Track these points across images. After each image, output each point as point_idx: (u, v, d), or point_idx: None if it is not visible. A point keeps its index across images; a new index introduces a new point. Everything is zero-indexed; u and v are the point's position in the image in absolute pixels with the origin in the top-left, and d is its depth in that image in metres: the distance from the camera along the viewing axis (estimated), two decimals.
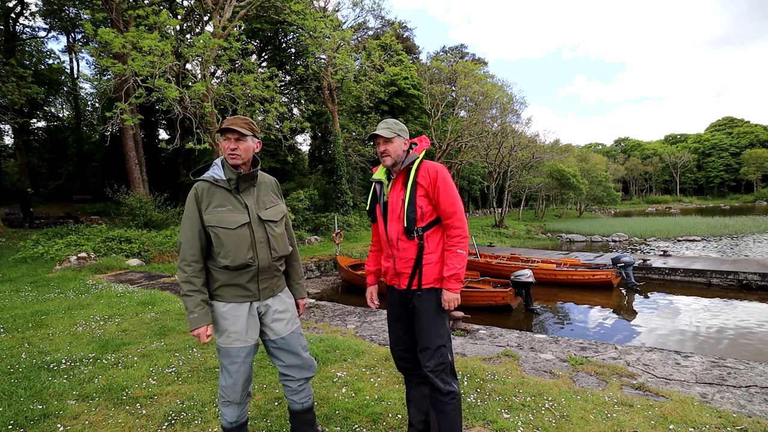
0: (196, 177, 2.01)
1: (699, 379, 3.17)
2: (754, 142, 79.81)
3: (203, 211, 1.92)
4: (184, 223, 1.95)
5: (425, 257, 2.05)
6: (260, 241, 1.98)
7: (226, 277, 1.95)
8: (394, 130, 2.10)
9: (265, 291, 2.04)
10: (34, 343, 4.32)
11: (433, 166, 2.07)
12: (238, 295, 1.97)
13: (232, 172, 1.95)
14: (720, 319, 8.15)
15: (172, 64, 11.30)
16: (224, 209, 1.92)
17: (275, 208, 2.09)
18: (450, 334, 2.12)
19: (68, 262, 9.72)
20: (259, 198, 2.05)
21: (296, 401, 2.18)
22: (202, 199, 1.93)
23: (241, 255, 1.91)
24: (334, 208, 21.31)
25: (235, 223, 1.92)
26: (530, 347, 4.01)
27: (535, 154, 30.90)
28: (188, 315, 1.89)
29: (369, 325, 4.96)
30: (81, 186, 26.02)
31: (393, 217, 2.11)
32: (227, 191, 1.96)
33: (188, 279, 1.89)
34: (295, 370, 2.12)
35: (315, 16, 14.74)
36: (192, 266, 1.90)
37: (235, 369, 1.98)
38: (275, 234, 2.04)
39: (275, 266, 2.06)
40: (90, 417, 2.75)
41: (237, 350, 1.97)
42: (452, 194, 2.03)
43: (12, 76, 16.35)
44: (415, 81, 27.01)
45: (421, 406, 2.24)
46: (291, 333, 2.10)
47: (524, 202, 39.85)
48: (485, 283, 9.67)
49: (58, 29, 24.48)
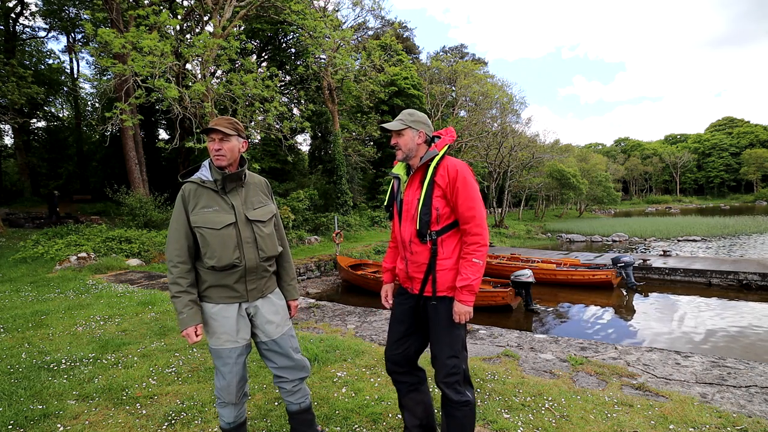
0: (184, 179, 2.01)
1: (699, 379, 3.17)
2: (754, 142, 79.82)
3: (190, 212, 1.92)
4: (171, 225, 1.95)
5: (439, 263, 1.92)
6: (247, 241, 1.96)
7: (213, 278, 1.94)
8: (406, 122, 1.97)
9: (254, 292, 2.02)
10: (34, 343, 4.32)
11: (453, 165, 1.90)
12: (226, 296, 1.96)
13: (218, 173, 1.95)
14: (720, 319, 8.15)
15: (172, 64, 11.30)
16: (210, 210, 1.92)
17: (264, 209, 2.07)
18: (465, 342, 2.00)
19: (68, 262, 9.72)
20: (247, 198, 2.03)
21: (293, 402, 2.17)
22: (189, 201, 1.93)
23: (227, 255, 1.90)
24: (334, 208, 21.31)
25: (221, 224, 1.91)
26: (530, 347, 4.01)
27: (535, 154, 30.92)
28: (177, 316, 1.89)
29: (369, 325, 4.96)
30: (81, 186, 26.04)
31: (407, 217, 1.99)
32: (214, 192, 1.96)
33: (175, 280, 1.90)
34: (288, 372, 2.11)
35: (315, 16, 14.74)
36: (179, 267, 1.90)
37: (227, 370, 1.97)
38: (263, 234, 2.02)
39: (263, 267, 2.04)
40: (90, 417, 2.75)
41: (228, 351, 1.96)
42: (472, 197, 1.87)
43: (12, 76, 16.36)
44: (415, 81, 27.01)
45: (415, 412, 2.15)
46: (282, 335, 2.08)
47: (524, 202, 39.86)
48: (485, 283, 9.66)
49: (58, 29, 24.49)
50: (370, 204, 25.66)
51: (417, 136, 1.98)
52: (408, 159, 2.00)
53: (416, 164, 2.00)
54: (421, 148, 2.00)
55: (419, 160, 1.98)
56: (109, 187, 15.48)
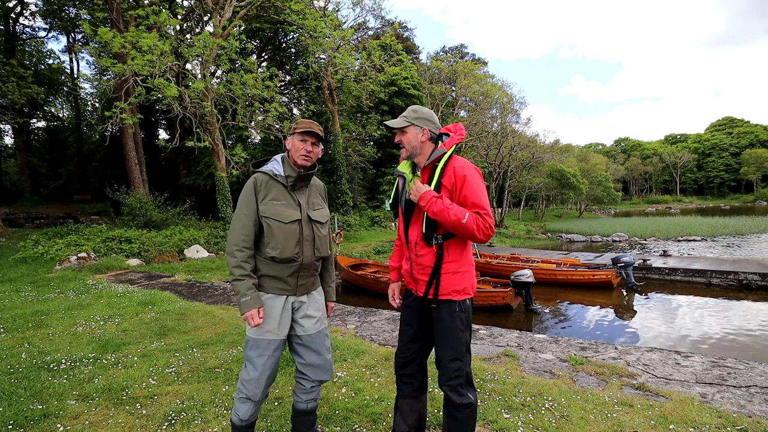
0: (256, 169, 2.08)
1: (699, 379, 3.17)
2: (754, 142, 79.85)
3: (260, 202, 1.98)
4: (239, 210, 2.00)
5: (444, 266, 1.89)
6: (307, 239, 2.03)
7: (269, 268, 2.00)
8: (409, 119, 1.93)
9: (302, 287, 2.08)
10: (34, 343, 4.32)
11: (461, 167, 1.85)
12: (278, 287, 2.02)
13: (293, 170, 2.03)
14: (720, 319, 8.14)
15: (171, 64, 11.31)
16: (280, 203, 1.99)
17: (322, 211, 2.15)
18: (469, 345, 1.98)
19: (68, 262, 9.72)
20: (309, 198, 2.11)
21: (303, 401, 2.17)
22: (260, 190, 1.99)
23: (289, 249, 1.97)
24: (334, 208, 21.31)
25: (289, 218, 1.98)
26: (530, 347, 4.01)
27: (535, 154, 30.93)
28: (240, 298, 1.92)
29: (369, 325, 4.96)
30: (81, 186, 26.05)
31: (413, 218, 1.97)
32: (283, 187, 2.03)
33: (239, 264, 1.94)
34: (313, 371, 2.12)
35: (315, 15, 14.75)
36: (244, 252, 1.95)
37: (262, 362, 1.98)
38: (321, 235, 2.10)
39: (315, 265, 2.12)
40: (90, 417, 2.75)
41: (268, 342, 1.99)
42: (478, 194, 1.82)
43: (12, 76, 16.37)
44: (415, 81, 27.00)
45: (407, 418, 2.10)
46: (318, 332, 2.12)
47: (524, 202, 39.88)
48: (485, 283, 9.66)
49: (58, 29, 24.51)
50: (370, 204, 25.65)
51: (421, 133, 1.93)
52: (412, 157, 1.97)
53: (422, 162, 1.95)
54: (426, 146, 1.94)
55: (425, 159, 1.93)
56: (109, 187, 15.48)
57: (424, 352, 2.11)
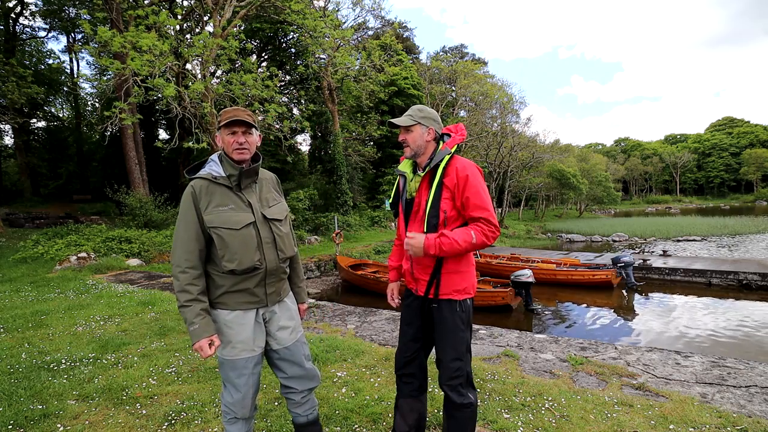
0: (192, 175, 1.82)
1: (699, 379, 3.17)
2: (754, 142, 79.83)
3: (203, 212, 1.73)
4: (178, 226, 1.76)
5: (444, 266, 1.88)
6: (267, 241, 1.81)
7: (231, 282, 1.77)
8: (415, 118, 1.90)
9: (273, 296, 1.88)
10: (34, 343, 4.32)
11: (463, 167, 1.85)
12: (245, 301, 1.81)
13: (233, 168, 1.78)
14: (720, 319, 8.15)
15: (171, 64, 11.31)
16: (226, 208, 1.75)
17: (279, 206, 1.93)
18: (469, 345, 1.96)
19: (68, 262, 9.72)
20: (261, 195, 1.87)
21: (300, 414, 2.02)
22: (200, 199, 1.74)
23: (249, 257, 1.75)
24: (334, 208, 21.31)
25: (240, 223, 1.75)
26: (530, 347, 4.01)
27: (535, 154, 30.94)
28: (188, 327, 1.70)
29: (369, 325, 4.96)
30: (81, 186, 26.03)
31: (414, 218, 1.95)
32: (228, 189, 1.78)
33: (183, 288, 1.70)
34: (298, 382, 1.96)
35: (315, 15, 14.74)
36: (188, 273, 1.71)
37: (243, 382, 1.80)
38: (281, 233, 1.88)
39: (282, 268, 1.90)
40: (90, 417, 2.75)
41: (245, 361, 1.80)
42: (481, 196, 1.82)
43: (12, 76, 16.35)
44: (415, 81, 27.00)
45: (407, 418, 2.10)
46: (295, 342, 1.95)
47: (524, 202, 39.89)
48: (485, 283, 9.66)
49: (58, 29, 24.47)
50: (370, 204, 25.65)
51: (426, 133, 1.91)
52: (416, 156, 1.95)
53: (424, 162, 1.93)
54: (430, 146, 1.94)
55: (428, 159, 1.92)
56: (109, 187, 15.48)
57: (425, 352, 2.11)
